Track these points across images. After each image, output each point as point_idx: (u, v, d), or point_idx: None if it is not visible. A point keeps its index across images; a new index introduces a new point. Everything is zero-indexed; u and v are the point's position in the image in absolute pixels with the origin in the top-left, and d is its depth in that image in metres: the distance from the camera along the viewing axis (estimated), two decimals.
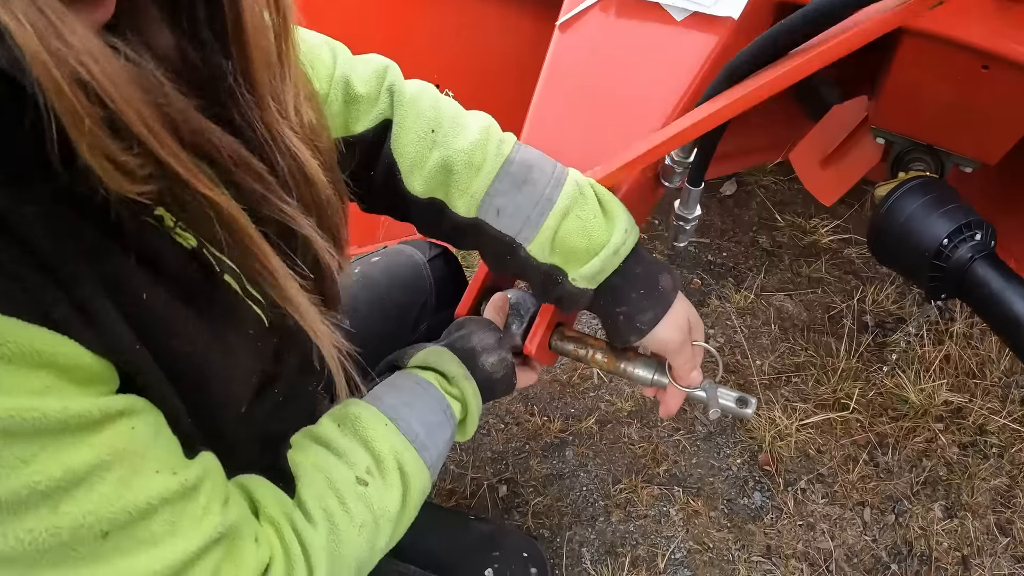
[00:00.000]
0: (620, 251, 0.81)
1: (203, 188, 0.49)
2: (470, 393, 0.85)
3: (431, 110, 0.83)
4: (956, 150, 1.32)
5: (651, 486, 1.56)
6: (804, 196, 2.10)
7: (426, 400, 0.81)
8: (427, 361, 0.85)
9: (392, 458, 0.74)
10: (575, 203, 0.81)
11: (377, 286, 1.14)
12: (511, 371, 0.91)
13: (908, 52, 1.15)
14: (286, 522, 0.66)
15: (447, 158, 0.81)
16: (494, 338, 0.90)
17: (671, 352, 0.86)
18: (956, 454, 1.56)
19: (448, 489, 1.58)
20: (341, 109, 0.83)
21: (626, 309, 0.83)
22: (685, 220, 1.10)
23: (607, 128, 1.10)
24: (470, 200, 0.82)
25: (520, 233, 0.81)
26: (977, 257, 1.10)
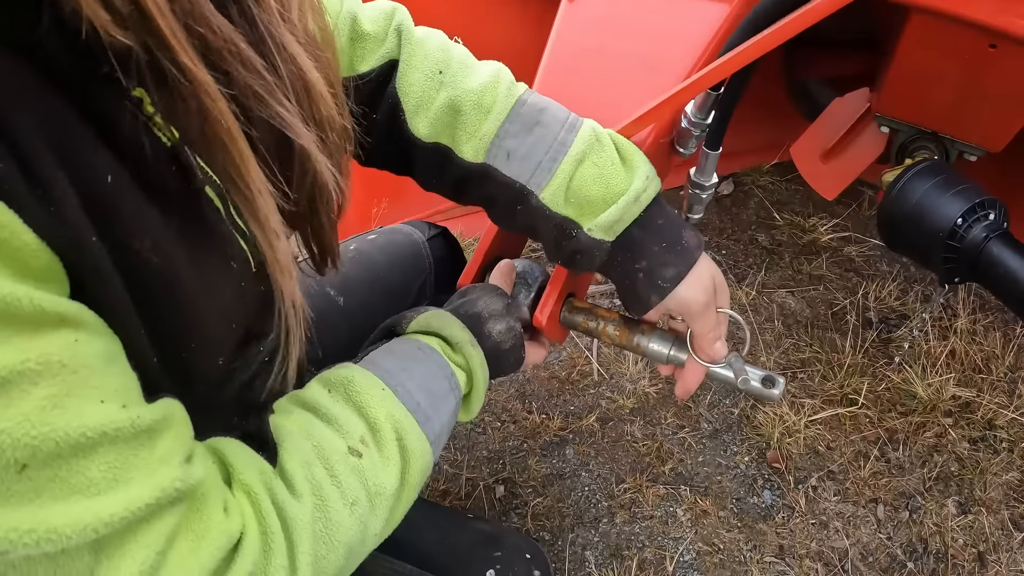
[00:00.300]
0: (641, 199, 0.75)
1: (184, 57, 0.43)
2: (476, 362, 0.77)
3: (440, 51, 0.79)
4: (961, 137, 1.29)
5: (656, 485, 1.49)
6: (802, 196, 2.07)
7: (428, 366, 0.73)
8: (428, 325, 0.77)
9: (390, 428, 0.65)
10: (591, 149, 0.75)
11: (374, 264, 1.07)
12: (520, 342, 0.83)
13: (915, 31, 1.12)
14: (264, 492, 0.56)
15: (455, 98, 0.76)
16: (502, 304, 0.83)
17: (694, 315, 0.79)
18: (967, 449, 1.52)
19: (442, 490, 1.51)
20: (346, 47, 0.79)
21: (646, 264, 0.76)
22: (702, 188, 1.05)
23: (616, 97, 1.06)
24: (478, 144, 0.77)
25: (532, 179, 0.76)
26: (992, 236, 1.07)
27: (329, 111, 0.59)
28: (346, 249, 1.07)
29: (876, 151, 1.49)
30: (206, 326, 0.56)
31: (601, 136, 0.77)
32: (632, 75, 1.08)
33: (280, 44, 0.52)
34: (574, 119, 0.77)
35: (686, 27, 1.11)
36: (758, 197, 2.08)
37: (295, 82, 0.54)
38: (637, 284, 0.78)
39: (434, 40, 0.80)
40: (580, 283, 0.97)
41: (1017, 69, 1.06)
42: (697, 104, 0.97)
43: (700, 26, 1.10)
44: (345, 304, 1.02)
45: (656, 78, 1.06)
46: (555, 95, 1.08)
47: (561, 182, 0.75)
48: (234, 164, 0.50)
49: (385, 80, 0.79)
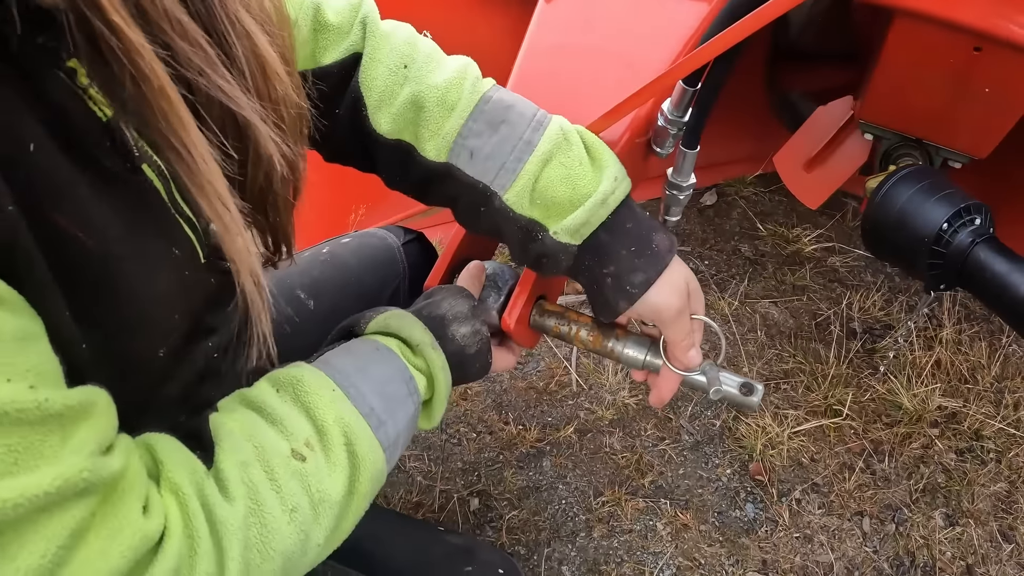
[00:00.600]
0: (608, 201, 0.72)
1: (115, 16, 0.40)
2: (438, 366, 0.72)
3: (405, 45, 0.76)
4: (946, 143, 1.27)
5: (636, 499, 1.45)
6: (785, 207, 2.05)
7: (384, 368, 0.68)
8: (388, 326, 0.73)
9: (338, 431, 0.61)
10: (558, 148, 0.72)
11: (347, 267, 1.03)
12: (486, 346, 0.78)
13: (899, 35, 1.11)
14: (193, 492, 0.52)
15: (418, 94, 0.73)
16: (467, 306, 0.79)
17: (666, 322, 0.75)
18: (953, 460, 1.48)
19: (415, 502, 1.46)
20: (309, 37, 0.76)
21: (614, 268, 0.73)
22: (679, 188, 1.01)
23: (592, 95, 1.03)
24: (441, 142, 0.74)
25: (496, 179, 0.72)
26: (978, 241, 1.04)
27: (285, 90, 0.57)
28: (319, 252, 1.04)
29: (860, 159, 1.47)
30: (143, 314, 0.53)
31: (569, 134, 0.74)
32: (609, 73, 1.06)
33: (234, 19, 0.51)
34: (541, 116, 0.74)
35: (665, 26, 1.09)
36: (741, 208, 2.06)
37: (249, 59, 0.52)
38: (605, 289, 0.74)
39: (400, 33, 0.77)
40: (552, 285, 0.93)
41: (1002, 72, 1.05)
42: (674, 101, 0.94)
43: (679, 25, 1.07)
44: (315, 307, 0.99)
45: (634, 76, 1.03)
46: (529, 93, 1.06)
47: (526, 183, 0.71)
48: (173, 130, 0.47)
49: (348, 74, 0.76)
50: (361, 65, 0.75)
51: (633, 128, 0.95)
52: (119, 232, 0.49)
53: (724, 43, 0.78)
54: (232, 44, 0.51)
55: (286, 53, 0.58)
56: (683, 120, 0.95)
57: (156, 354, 0.56)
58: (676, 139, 0.98)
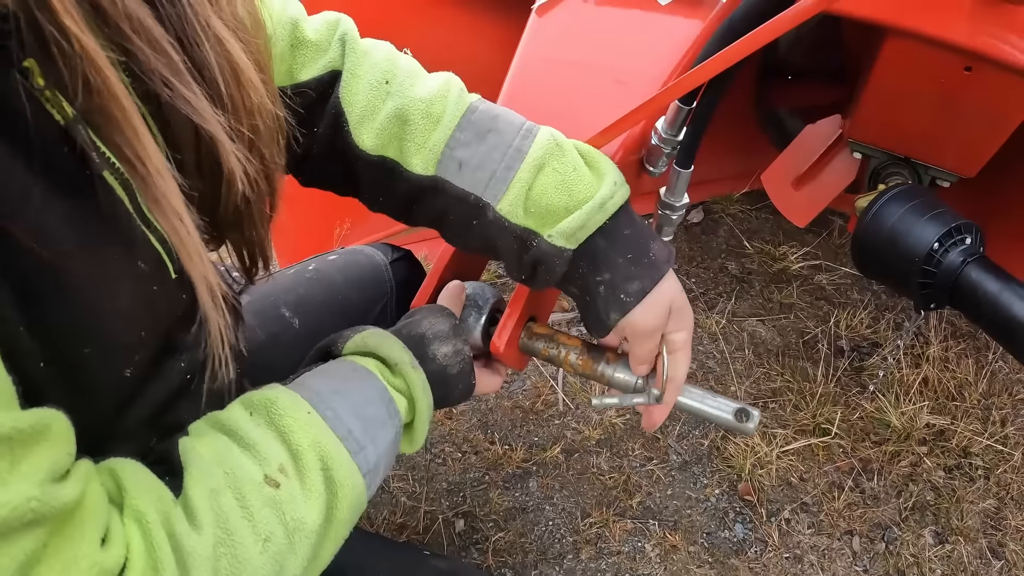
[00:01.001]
0: (607, 206, 0.69)
1: (67, 20, 0.39)
2: (418, 386, 0.69)
3: (386, 61, 0.74)
4: (935, 162, 1.28)
5: (624, 520, 1.43)
6: (772, 225, 2.05)
7: (363, 389, 0.65)
8: (366, 345, 0.70)
9: (314, 456, 0.58)
10: (551, 155, 0.70)
11: (333, 285, 1.01)
12: (469, 367, 0.75)
13: (890, 54, 1.11)
14: (159, 520, 0.49)
15: (402, 107, 0.71)
16: (448, 325, 0.75)
17: (637, 337, 0.73)
18: (942, 478, 1.47)
19: (398, 523, 1.43)
20: (286, 52, 0.74)
21: (609, 276, 0.70)
22: (672, 208, 1.00)
23: (583, 110, 1.02)
24: (428, 155, 0.72)
25: (487, 190, 0.70)
26: (969, 260, 1.04)
27: (260, 98, 0.56)
28: (304, 269, 1.02)
29: (848, 177, 1.47)
30: (104, 330, 0.50)
31: (561, 141, 0.72)
32: (601, 89, 1.05)
33: (205, 25, 0.49)
34: (531, 125, 0.72)
35: (658, 42, 1.08)
36: (728, 225, 2.06)
37: (223, 66, 0.51)
38: (598, 299, 0.72)
39: (380, 50, 0.75)
40: (542, 306, 0.91)
41: (992, 92, 1.05)
42: (668, 120, 0.93)
43: (672, 42, 1.07)
44: (300, 326, 0.96)
45: (626, 92, 1.03)
46: (520, 108, 1.05)
47: (519, 191, 0.69)
48: (127, 140, 0.45)
49: (327, 91, 0.74)
50: (341, 81, 0.73)
51: (626, 146, 0.94)
52: (76, 243, 0.46)
53: (721, 63, 0.77)
54: (204, 51, 0.50)
55: (261, 60, 0.57)
56: (677, 139, 0.93)
57: (122, 373, 0.53)
58: (670, 158, 0.96)
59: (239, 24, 0.54)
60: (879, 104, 1.24)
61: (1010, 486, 1.46)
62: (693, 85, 0.81)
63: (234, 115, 0.54)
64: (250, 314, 0.93)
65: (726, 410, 0.76)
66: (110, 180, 0.49)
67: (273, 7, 0.74)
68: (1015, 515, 1.41)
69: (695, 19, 1.09)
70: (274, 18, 0.73)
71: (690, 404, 0.78)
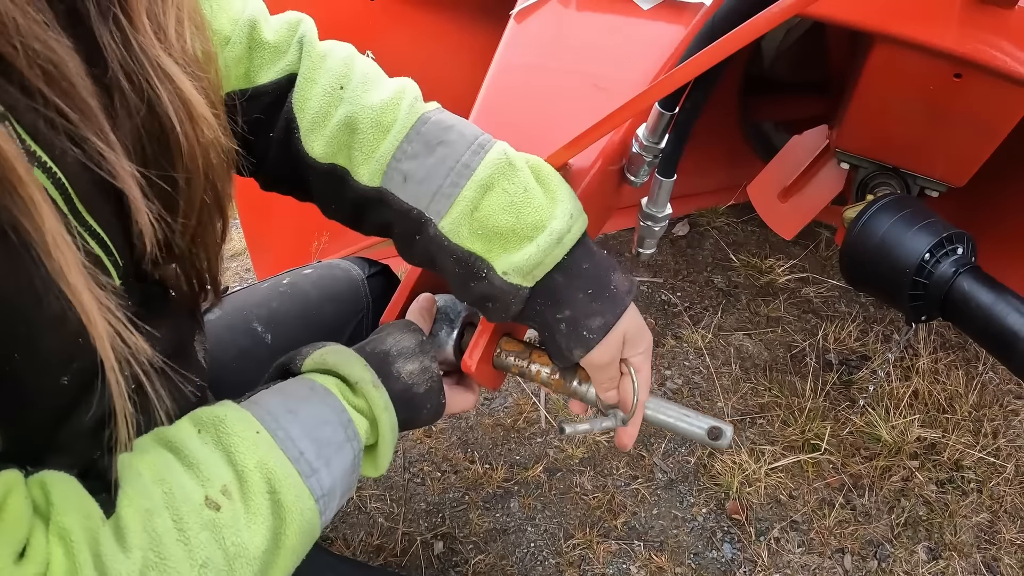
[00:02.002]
0: (565, 240, 0.66)
1: None
2: (380, 406, 0.65)
3: (342, 66, 0.72)
4: (924, 171, 1.25)
5: (608, 541, 1.38)
6: (759, 237, 2.03)
7: (319, 409, 0.62)
8: (324, 362, 0.66)
9: (260, 478, 0.55)
10: (501, 174, 0.66)
11: (307, 300, 0.97)
12: (438, 385, 0.71)
13: (878, 61, 1.09)
14: (84, 540, 0.46)
15: (352, 115, 0.69)
16: (414, 341, 0.71)
17: (594, 369, 0.71)
18: (934, 492, 1.43)
19: (375, 545, 1.38)
20: (244, 55, 0.71)
21: (569, 313, 0.67)
22: (654, 219, 0.96)
23: (562, 116, 0.98)
24: (375, 166, 0.69)
25: (431, 205, 0.67)
26: (961, 271, 1.01)
27: (214, 133, 0.56)
28: (279, 283, 0.99)
29: (835, 189, 1.45)
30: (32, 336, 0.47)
31: (514, 159, 0.68)
32: (581, 95, 1.01)
33: (156, 65, 0.50)
34: (484, 140, 0.68)
35: (640, 48, 1.05)
36: (714, 238, 2.03)
37: (175, 103, 0.52)
38: (558, 336, 0.69)
39: (339, 54, 0.73)
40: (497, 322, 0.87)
41: (982, 99, 1.03)
42: (650, 127, 0.88)
43: (655, 47, 1.03)
44: (273, 342, 0.93)
45: (607, 99, 0.99)
46: (497, 113, 1.02)
47: (463, 210, 0.66)
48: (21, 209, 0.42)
49: (283, 95, 0.72)
50: (296, 85, 0.71)
51: (606, 154, 0.90)
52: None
53: (701, 64, 0.73)
54: (156, 89, 0.50)
55: (211, 95, 0.57)
56: (659, 147, 0.89)
57: (58, 381, 0.50)
58: (651, 167, 0.92)
59: (190, 59, 0.54)
60: (867, 113, 1.22)
61: (1003, 499, 1.42)
62: (672, 87, 0.77)
63: (188, 152, 0.54)
64: (221, 328, 0.90)
65: (699, 426, 0.73)
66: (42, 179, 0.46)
67: (232, 8, 0.72)
68: (1009, 528, 1.38)
69: (678, 24, 1.06)
70: (228, 17, 0.71)
71: (663, 420, 0.75)
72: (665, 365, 1.69)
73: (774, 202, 1.53)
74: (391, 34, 1.63)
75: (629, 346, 0.71)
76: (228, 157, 0.60)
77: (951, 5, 0.98)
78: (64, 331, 0.49)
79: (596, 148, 0.88)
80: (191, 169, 0.55)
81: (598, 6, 1.14)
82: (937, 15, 0.98)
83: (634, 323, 0.70)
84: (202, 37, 0.57)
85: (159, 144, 0.53)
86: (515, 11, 1.15)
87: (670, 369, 1.68)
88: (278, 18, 0.74)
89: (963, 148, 1.15)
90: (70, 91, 0.46)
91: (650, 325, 1.76)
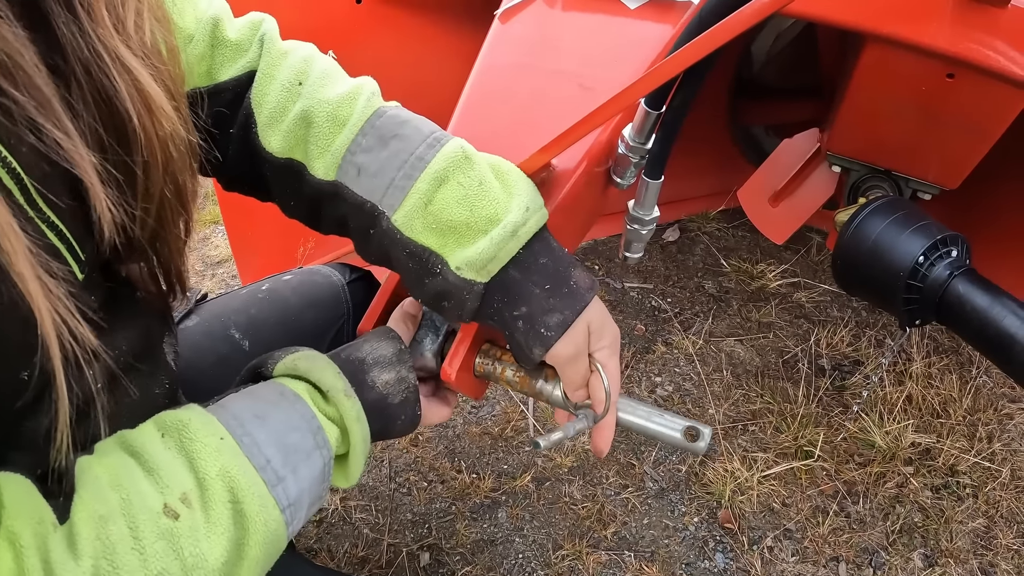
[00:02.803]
0: (519, 233, 0.64)
1: None
2: (351, 416, 0.62)
3: (302, 63, 0.72)
4: (916, 174, 1.24)
5: (597, 551, 1.35)
6: (749, 242, 2.01)
7: (287, 415, 0.59)
8: (295, 368, 0.64)
9: (222, 486, 0.52)
10: (456, 167, 0.65)
11: (286, 306, 0.95)
12: (414, 396, 0.69)
13: (870, 62, 1.07)
14: (34, 545, 0.44)
15: (308, 109, 0.68)
16: (392, 349, 0.69)
17: (559, 366, 0.68)
18: (929, 498, 1.41)
19: (360, 556, 1.35)
20: (206, 52, 0.71)
21: (526, 309, 0.65)
22: (641, 222, 0.94)
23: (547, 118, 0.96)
24: (330, 159, 0.68)
25: (384, 198, 0.66)
26: (956, 274, 1.00)
27: (173, 126, 0.54)
28: (258, 289, 0.97)
29: (827, 192, 1.44)
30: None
31: (471, 154, 0.67)
32: (566, 94, 0.99)
33: (115, 56, 0.50)
34: (440, 134, 0.67)
35: (627, 48, 1.03)
36: (704, 244, 2.01)
37: (133, 96, 0.51)
38: (517, 334, 0.66)
39: (300, 52, 0.73)
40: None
41: (975, 99, 1.02)
42: (636, 126, 0.86)
43: (642, 47, 1.01)
44: (251, 348, 0.91)
45: (593, 99, 0.97)
46: (480, 114, 0.99)
47: (416, 203, 0.64)
48: None
49: (243, 91, 0.72)
50: (255, 81, 0.71)
51: (591, 155, 0.88)
52: None
53: (686, 59, 0.70)
54: (114, 81, 0.49)
55: (172, 87, 0.56)
56: (645, 147, 0.87)
57: (18, 375, 0.48)
58: (638, 168, 0.90)
59: (150, 51, 0.53)
60: (858, 115, 1.20)
61: (999, 504, 1.40)
62: (658, 82, 0.74)
63: (146, 144, 0.52)
64: (199, 335, 0.88)
65: (675, 428, 0.70)
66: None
67: (197, 6, 0.72)
68: (1005, 533, 1.35)
69: (665, 23, 1.04)
70: (193, 16, 0.71)
71: (635, 422, 0.72)
72: (656, 372, 1.66)
73: (765, 207, 1.52)
74: (377, 36, 1.61)
75: (595, 336, 0.68)
76: (189, 151, 0.58)
77: (943, 5, 0.96)
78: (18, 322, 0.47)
79: (581, 149, 0.86)
80: (150, 161, 0.53)
81: (584, 5, 1.12)
82: (929, 15, 0.97)
83: (596, 318, 0.68)
84: (163, 30, 0.56)
85: (117, 135, 0.51)
86: (499, 11, 1.13)
87: (661, 376, 1.65)
88: (242, 18, 0.74)
89: (956, 149, 1.13)
90: (26, 82, 0.45)
91: (640, 332, 1.74)
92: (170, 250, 0.60)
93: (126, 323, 0.59)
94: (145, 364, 0.62)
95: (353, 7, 1.59)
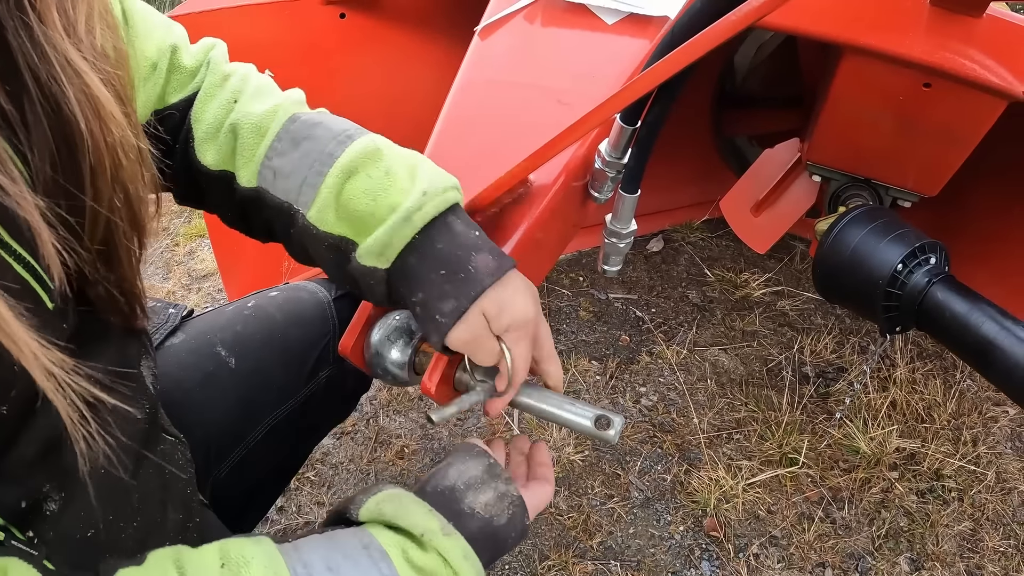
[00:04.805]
0: (414, 218, 0.64)
1: None
2: (457, 556, 0.58)
3: (240, 82, 0.75)
4: (896, 182, 1.25)
5: (584, 561, 1.35)
6: (733, 252, 2.02)
7: (366, 573, 0.55)
8: (381, 513, 0.59)
9: None
10: (366, 159, 0.66)
11: (272, 323, 0.95)
12: (520, 508, 0.63)
13: (848, 73, 1.08)
14: None
15: (236, 122, 0.72)
16: (481, 466, 0.65)
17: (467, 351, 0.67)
18: (915, 502, 1.42)
19: None
20: (163, 78, 0.74)
21: (423, 296, 0.65)
22: (618, 236, 0.94)
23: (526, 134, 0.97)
24: (253, 167, 0.71)
25: (299, 196, 0.68)
26: (935, 281, 1.00)
27: (122, 132, 0.53)
28: (243, 305, 0.96)
29: (808, 201, 1.45)
30: None
31: (383, 147, 0.68)
32: (544, 110, 1.00)
33: (64, 60, 0.49)
34: (353, 132, 0.69)
35: (605, 63, 1.04)
36: (688, 254, 2.02)
37: (81, 100, 0.50)
38: (417, 319, 0.67)
39: (240, 72, 0.76)
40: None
41: (952, 108, 1.03)
42: (612, 141, 0.87)
43: (619, 62, 1.02)
44: (237, 366, 0.90)
45: (570, 114, 0.98)
46: (460, 130, 1.00)
47: (327, 197, 0.66)
48: None
49: (187, 111, 0.75)
50: (196, 100, 0.74)
51: (569, 170, 0.89)
52: None
53: (659, 75, 0.71)
54: (62, 85, 0.48)
55: (123, 93, 0.55)
56: (622, 162, 0.88)
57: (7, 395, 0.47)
58: (615, 183, 0.91)
59: (99, 55, 0.53)
60: (837, 125, 1.21)
61: (985, 506, 1.41)
62: (632, 98, 0.75)
63: (94, 149, 0.51)
64: (185, 352, 0.88)
65: (585, 416, 0.70)
66: None
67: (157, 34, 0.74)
68: (992, 536, 1.36)
69: (642, 39, 1.05)
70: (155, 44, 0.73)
71: (544, 409, 0.72)
72: (640, 382, 1.66)
73: (747, 216, 1.53)
74: (361, 50, 1.62)
75: (495, 320, 0.66)
76: (140, 159, 0.57)
77: (919, 15, 0.97)
78: None
79: (559, 164, 0.87)
80: (97, 168, 0.52)
81: (562, 21, 1.13)
82: (905, 25, 0.98)
83: (493, 304, 0.65)
84: (113, 36, 0.56)
85: (67, 147, 0.50)
86: (479, 27, 1.14)
87: (645, 386, 1.66)
88: (196, 44, 0.77)
89: (934, 157, 1.14)
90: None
91: (624, 342, 1.74)
92: (123, 265, 0.58)
93: (100, 347, 0.58)
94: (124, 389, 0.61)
95: (337, 21, 1.60)
